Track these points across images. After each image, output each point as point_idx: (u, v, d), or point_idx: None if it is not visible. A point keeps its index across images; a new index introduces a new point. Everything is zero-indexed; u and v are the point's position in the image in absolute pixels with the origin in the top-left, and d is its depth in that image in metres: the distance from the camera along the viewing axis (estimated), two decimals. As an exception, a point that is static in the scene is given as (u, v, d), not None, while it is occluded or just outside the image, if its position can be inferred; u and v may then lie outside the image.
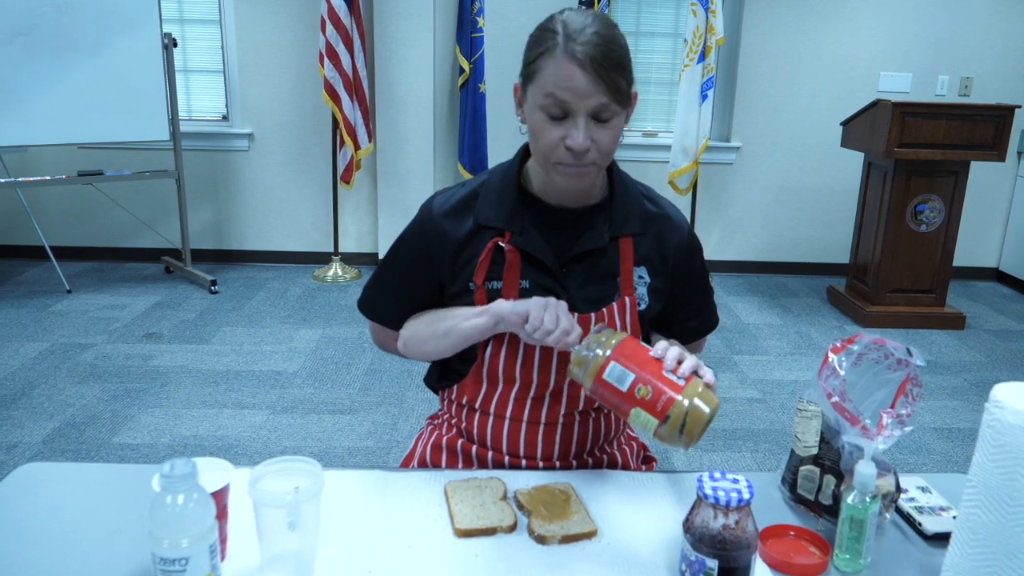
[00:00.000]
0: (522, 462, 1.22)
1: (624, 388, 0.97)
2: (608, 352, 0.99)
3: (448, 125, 4.70)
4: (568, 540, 0.97)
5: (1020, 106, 3.88)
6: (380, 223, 4.66)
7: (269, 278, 4.56)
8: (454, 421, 1.29)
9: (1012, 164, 4.83)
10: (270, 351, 3.46)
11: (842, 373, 0.98)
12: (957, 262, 4.21)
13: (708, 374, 1.00)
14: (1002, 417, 0.74)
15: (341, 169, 4.40)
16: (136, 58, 3.88)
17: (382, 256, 1.29)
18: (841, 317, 4.19)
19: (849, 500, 0.92)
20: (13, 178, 4.08)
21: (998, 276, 5.05)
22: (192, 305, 4.02)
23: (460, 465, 1.26)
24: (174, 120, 4.12)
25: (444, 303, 1.24)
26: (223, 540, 0.91)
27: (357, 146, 4.32)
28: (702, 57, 4.20)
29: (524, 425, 1.21)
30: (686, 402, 0.94)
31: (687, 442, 0.95)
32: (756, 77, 4.70)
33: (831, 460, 1.01)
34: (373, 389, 3.10)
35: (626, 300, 1.19)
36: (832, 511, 1.00)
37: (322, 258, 4.79)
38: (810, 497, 1.04)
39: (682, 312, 1.29)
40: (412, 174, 4.55)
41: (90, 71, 3.79)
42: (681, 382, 0.96)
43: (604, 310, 1.18)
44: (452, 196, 1.22)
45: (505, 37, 4.50)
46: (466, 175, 4.45)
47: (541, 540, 0.97)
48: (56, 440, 2.62)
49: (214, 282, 4.24)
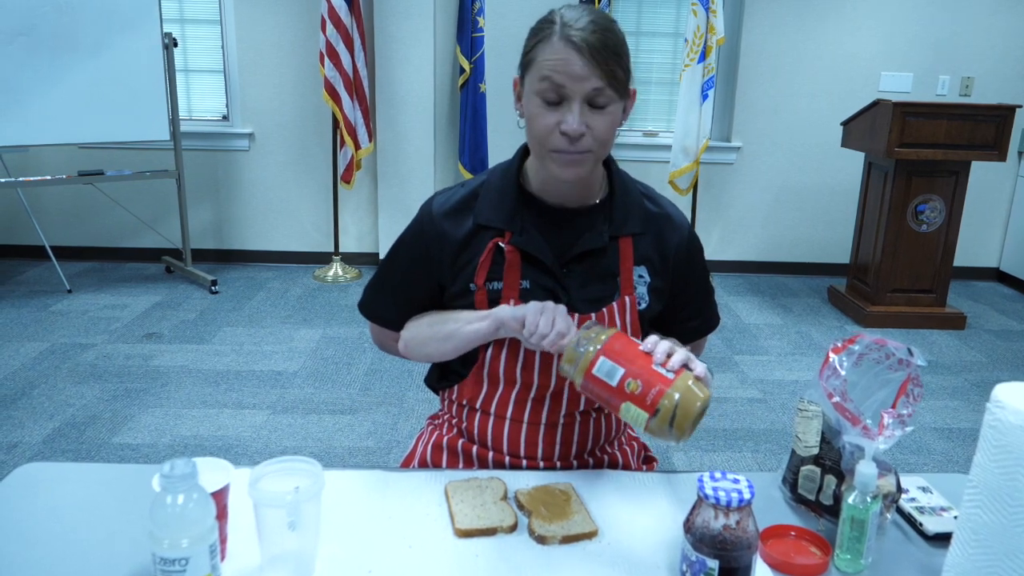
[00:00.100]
0: (522, 462, 1.22)
1: (614, 382, 0.97)
2: (598, 347, 0.99)
3: (448, 125, 4.70)
4: (568, 540, 0.97)
5: (1021, 106, 3.88)
6: (380, 223, 4.66)
7: (269, 278, 4.56)
8: (454, 421, 1.28)
9: (1013, 164, 4.82)
10: (270, 351, 3.46)
11: (843, 373, 0.98)
12: (958, 262, 4.20)
13: (699, 367, 1.00)
14: (1003, 417, 0.74)
15: (341, 169, 4.40)
16: (136, 58, 3.88)
17: (382, 256, 1.29)
18: (842, 317, 4.19)
19: (850, 500, 0.92)
20: (14, 178, 4.09)
21: (999, 276, 5.04)
22: (192, 305, 4.02)
23: (460, 465, 1.26)
24: (174, 120, 4.12)
25: (444, 303, 1.24)
26: (223, 540, 0.91)
27: (357, 146, 4.32)
28: (703, 57, 4.20)
29: (524, 426, 1.21)
30: (676, 395, 0.94)
31: (678, 435, 0.95)
32: (757, 77, 4.69)
33: (832, 460, 1.01)
34: (373, 389, 3.10)
35: (626, 300, 1.19)
36: (833, 511, 1.00)
37: (322, 258, 4.80)
38: (811, 497, 1.04)
39: (683, 312, 1.29)
40: (412, 174, 4.55)
41: (91, 71, 3.79)
42: (671, 375, 0.96)
43: (604, 310, 1.17)
44: (452, 196, 1.22)
45: (505, 37, 4.50)
46: (466, 175, 4.45)
47: (541, 540, 0.97)
48: (56, 440, 2.62)
49: (214, 282, 4.24)
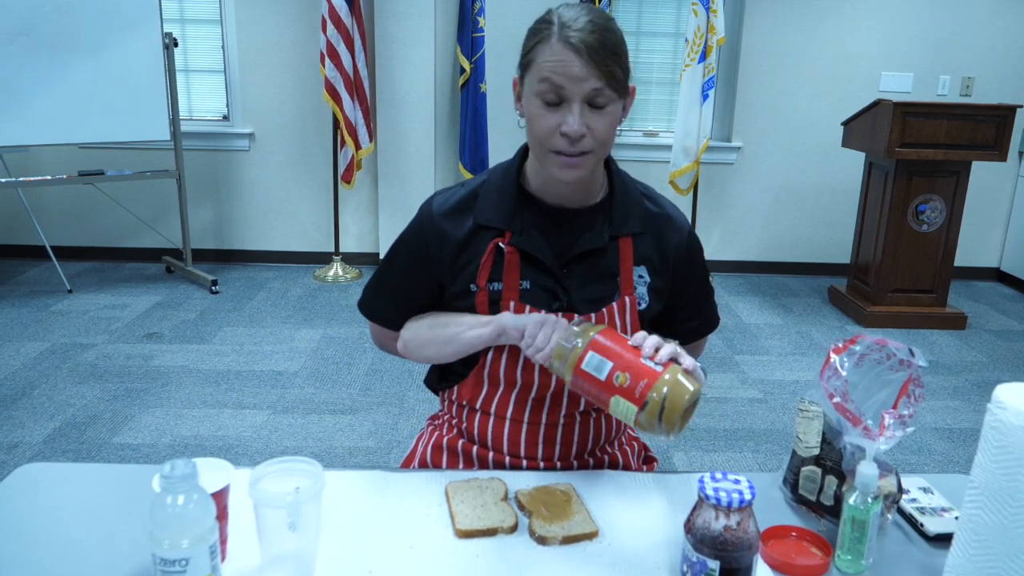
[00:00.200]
0: (523, 463, 1.22)
1: (603, 376, 0.97)
2: (586, 342, 0.99)
3: (449, 125, 4.70)
4: (569, 541, 0.97)
5: (1021, 106, 3.87)
6: (381, 223, 4.66)
7: (270, 278, 4.56)
8: (454, 422, 1.28)
9: (1013, 164, 4.82)
10: (271, 351, 3.46)
11: (844, 374, 0.98)
12: (958, 262, 4.20)
13: (687, 361, 1.00)
14: (1004, 418, 0.74)
15: (342, 169, 4.40)
16: (137, 58, 3.88)
17: (383, 256, 1.29)
18: (842, 317, 4.19)
19: (851, 501, 0.92)
20: (14, 178, 4.09)
21: (999, 276, 5.04)
22: (193, 305, 4.02)
23: (461, 465, 1.26)
24: (175, 120, 4.12)
25: (444, 303, 1.24)
26: (223, 541, 0.91)
27: (358, 146, 4.32)
28: (703, 57, 4.20)
29: (524, 426, 1.21)
30: (664, 388, 0.94)
31: (667, 429, 0.95)
32: (757, 77, 4.69)
33: (833, 461, 1.01)
34: (374, 389, 3.10)
35: (626, 300, 1.19)
36: (834, 512, 1.00)
37: (323, 258, 4.79)
38: (812, 498, 1.04)
39: (683, 312, 1.29)
40: (413, 174, 4.55)
41: (91, 71, 3.79)
42: (659, 368, 0.96)
43: (604, 310, 1.17)
44: (452, 196, 1.22)
45: (506, 37, 4.50)
46: (467, 175, 4.44)
47: (542, 541, 0.97)
48: (57, 440, 2.62)
49: (215, 282, 4.24)
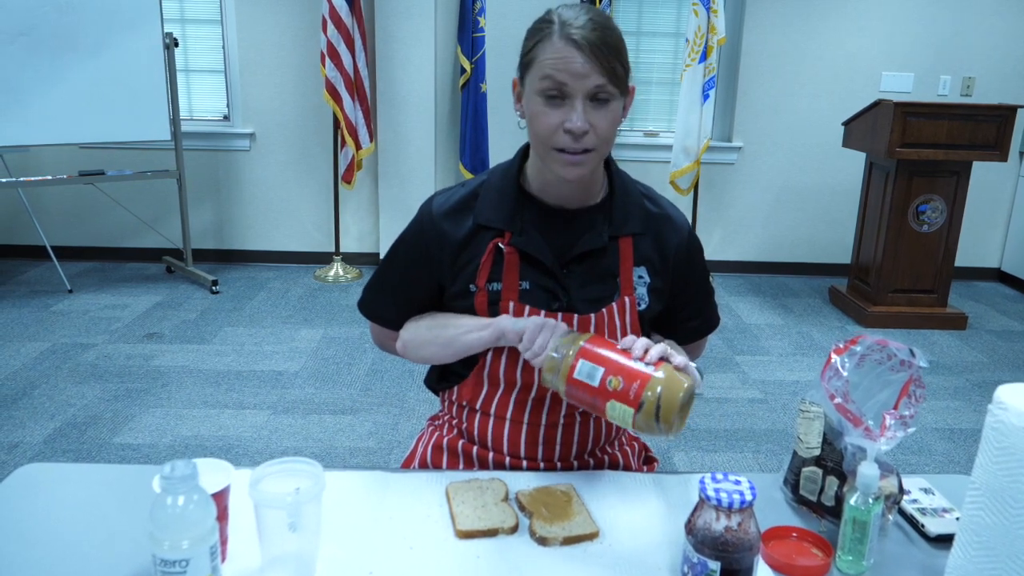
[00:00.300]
0: (523, 463, 1.22)
1: (596, 383, 0.97)
2: (576, 351, 0.99)
3: (449, 125, 4.70)
4: (570, 541, 0.97)
5: (1022, 106, 3.87)
6: (381, 223, 4.66)
7: (270, 278, 4.55)
8: (455, 422, 1.28)
9: (1014, 164, 4.82)
10: (271, 351, 3.46)
11: (845, 374, 0.98)
12: (959, 262, 4.20)
13: (678, 359, 1.00)
14: (1006, 419, 0.74)
15: (342, 169, 4.40)
16: (137, 58, 3.88)
17: (383, 256, 1.29)
18: (843, 317, 4.19)
19: (852, 501, 0.92)
20: (14, 178, 4.09)
21: (1000, 276, 5.04)
22: (193, 305, 4.02)
23: (461, 466, 1.26)
24: (175, 120, 4.12)
25: (444, 303, 1.24)
26: (224, 542, 0.91)
27: (358, 146, 4.32)
28: (704, 57, 4.19)
29: (524, 427, 1.21)
30: (658, 387, 0.95)
31: (666, 429, 0.95)
32: (758, 77, 4.69)
33: (834, 461, 1.01)
34: (374, 389, 3.10)
35: (626, 300, 1.19)
36: (835, 512, 1.00)
37: (323, 258, 4.79)
38: (812, 498, 1.04)
39: (683, 312, 1.29)
40: (413, 174, 4.55)
41: (91, 71, 3.79)
42: (651, 368, 0.97)
43: (604, 310, 1.17)
44: (452, 196, 1.22)
45: (506, 37, 4.50)
46: (467, 175, 4.44)
47: (543, 541, 0.97)
48: (57, 440, 2.62)
49: (215, 282, 4.24)
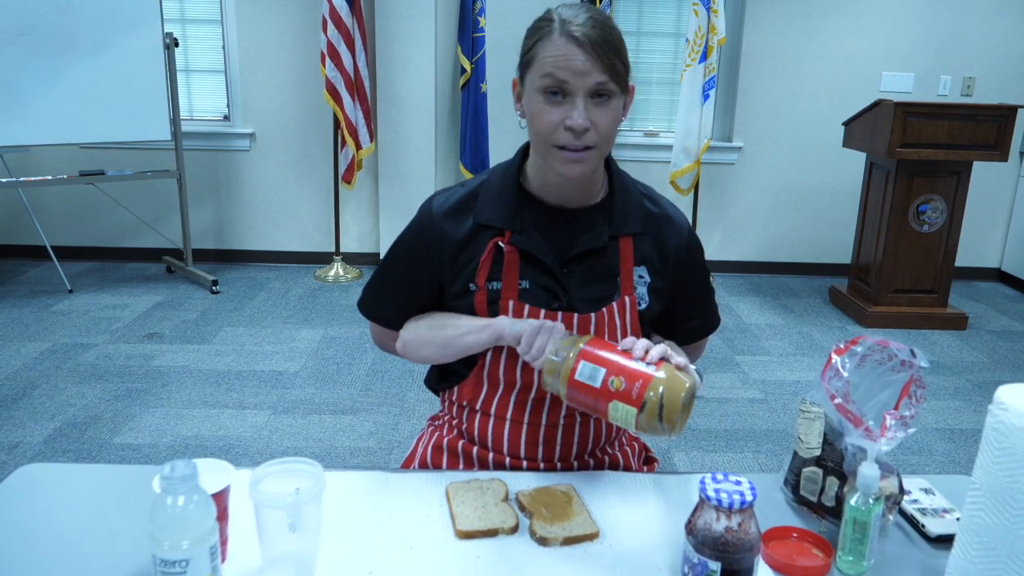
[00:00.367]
0: (523, 463, 1.22)
1: (598, 383, 0.97)
2: (576, 353, 1.00)
3: (450, 125, 4.70)
4: (570, 542, 0.97)
5: (1022, 106, 3.87)
6: (381, 223, 4.66)
7: (270, 278, 4.55)
8: (455, 422, 1.28)
9: (1014, 164, 4.82)
10: (271, 351, 3.46)
11: (845, 374, 0.98)
12: (959, 262, 4.20)
13: (678, 359, 1.00)
14: (1006, 419, 0.74)
15: (342, 169, 4.40)
16: (137, 58, 3.88)
17: (383, 256, 1.29)
18: (843, 317, 4.19)
19: (852, 502, 0.92)
20: (15, 178, 4.09)
21: (1000, 276, 5.04)
22: (193, 305, 4.02)
23: (461, 466, 1.26)
24: (175, 120, 4.12)
25: (443, 303, 1.24)
26: (224, 542, 0.90)
27: (358, 146, 4.31)
28: (704, 57, 4.19)
29: (525, 427, 1.21)
30: (660, 387, 0.95)
31: (669, 429, 0.95)
32: (758, 77, 4.69)
33: (834, 462, 1.01)
34: (374, 389, 3.10)
35: (626, 300, 1.19)
36: (835, 513, 1.00)
37: (323, 258, 4.79)
38: (813, 499, 1.04)
39: (683, 312, 1.29)
40: (413, 174, 4.55)
41: (92, 71, 3.79)
42: (652, 369, 0.97)
43: (604, 310, 1.17)
44: (452, 196, 1.22)
45: (506, 37, 4.49)
46: (467, 175, 4.44)
47: (543, 542, 0.97)
48: (57, 440, 2.62)
49: (215, 282, 4.24)
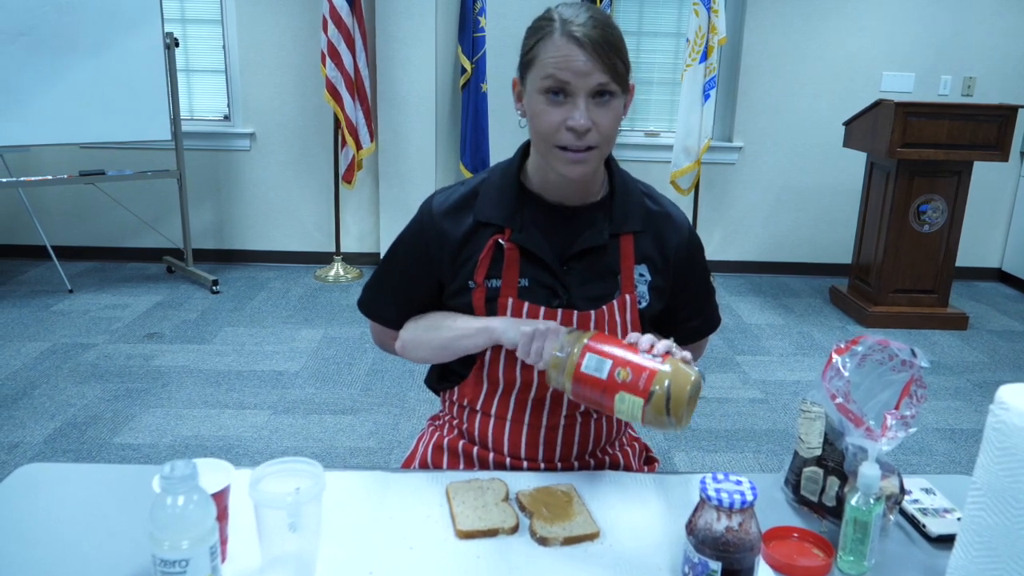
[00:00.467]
0: (523, 464, 1.21)
1: (604, 375, 0.98)
2: (582, 346, 1.00)
3: (450, 125, 4.70)
4: (570, 542, 0.97)
5: (1023, 106, 3.87)
6: (382, 223, 4.65)
7: (271, 278, 4.55)
8: (455, 422, 1.28)
9: (1015, 164, 4.82)
10: (272, 351, 3.46)
11: (846, 374, 0.98)
12: (960, 262, 4.20)
13: (682, 353, 1.01)
14: (1007, 419, 0.74)
15: (343, 169, 4.40)
16: (138, 58, 3.88)
17: (383, 255, 1.29)
18: (843, 317, 4.19)
19: (853, 502, 0.92)
20: (15, 178, 4.09)
21: (1001, 276, 5.04)
22: (194, 305, 4.02)
23: (461, 466, 1.25)
24: (176, 120, 4.12)
25: (443, 301, 1.24)
26: (223, 542, 0.90)
27: (359, 146, 4.31)
28: (704, 57, 4.19)
29: (525, 427, 1.20)
30: (666, 380, 0.95)
31: (675, 422, 0.96)
32: (758, 77, 4.69)
33: (835, 462, 1.01)
34: (375, 389, 3.10)
35: (626, 298, 1.18)
36: (836, 513, 1.00)
37: (324, 258, 4.79)
38: (813, 499, 1.04)
39: (683, 312, 1.29)
40: (414, 174, 4.55)
41: (92, 71, 3.79)
42: (658, 362, 0.98)
43: (604, 308, 1.17)
44: (452, 195, 1.22)
45: (507, 37, 4.49)
46: (468, 175, 4.44)
47: (543, 542, 0.97)
48: (57, 440, 2.62)
49: (216, 282, 4.24)
